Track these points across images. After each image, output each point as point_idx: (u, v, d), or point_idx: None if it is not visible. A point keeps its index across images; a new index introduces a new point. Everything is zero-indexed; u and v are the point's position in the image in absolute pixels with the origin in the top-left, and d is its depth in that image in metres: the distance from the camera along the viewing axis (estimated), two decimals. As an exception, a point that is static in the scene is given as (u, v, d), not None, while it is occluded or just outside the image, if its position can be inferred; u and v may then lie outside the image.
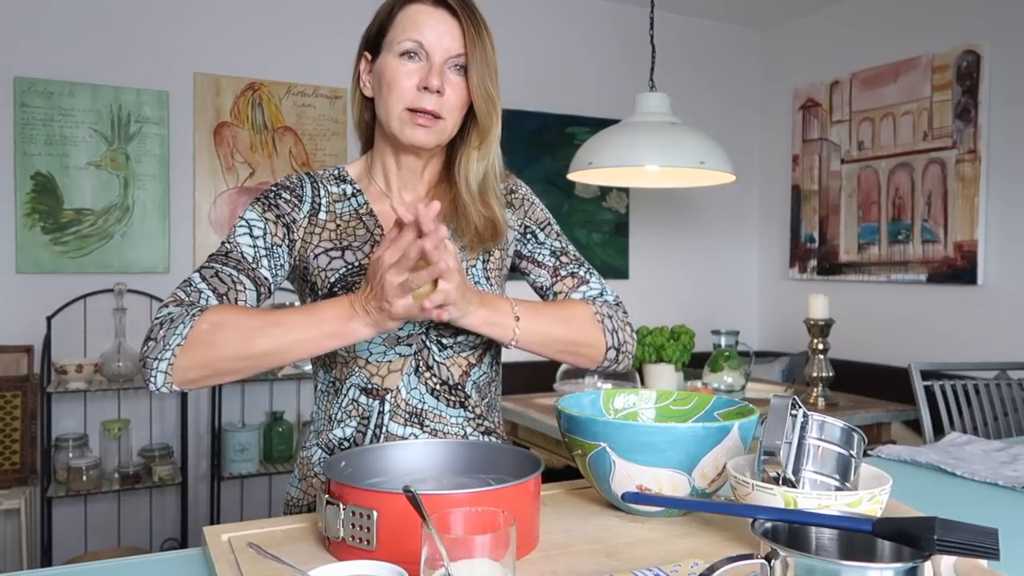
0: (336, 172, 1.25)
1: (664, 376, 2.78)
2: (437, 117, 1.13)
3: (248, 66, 3.32)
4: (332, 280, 1.15)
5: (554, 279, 1.25)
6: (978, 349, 3.29)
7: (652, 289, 4.18)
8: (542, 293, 1.27)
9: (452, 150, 1.22)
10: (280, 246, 1.15)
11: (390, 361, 1.15)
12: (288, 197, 1.18)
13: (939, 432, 2.34)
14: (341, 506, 0.86)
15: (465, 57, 1.13)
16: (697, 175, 3.00)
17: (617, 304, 1.26)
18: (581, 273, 1.26)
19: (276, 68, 3.37)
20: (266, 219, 1.15)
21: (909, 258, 3.60)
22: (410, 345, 1.16)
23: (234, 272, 1.09)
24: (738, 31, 4.40)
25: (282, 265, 1.15)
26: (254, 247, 1.13)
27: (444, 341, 1.17)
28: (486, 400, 1.23)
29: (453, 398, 1.18)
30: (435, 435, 1.16)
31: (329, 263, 1.16)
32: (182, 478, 3.06)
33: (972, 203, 3.33)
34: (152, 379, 0.98)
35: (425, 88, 1.11)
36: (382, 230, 1.19)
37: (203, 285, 1.06)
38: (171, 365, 0.97)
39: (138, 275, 3.14)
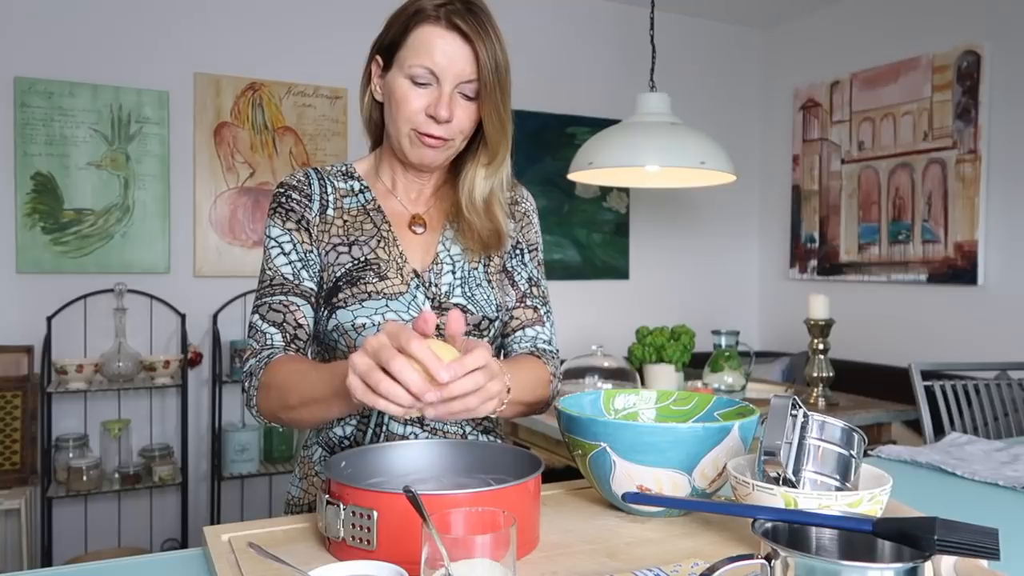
0: (344, 168, 1.25)
1: (664, 376, 2.78)
2: (445, 139, 1.14)
3: (248, 66, 3.33)
4: (338, 275, 1.15)
5: (519, 303, 1.26)
6: (978, 349, 3.28)
7: (652, 289, 4.18)
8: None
9: (459, 158, 1.22)
10: (311, 251, 1.17)
11: None
12: (298, 198, 1.19)
13: (939, 432, 2.34)
14: (341, 506, 0.85)
15: (477, 83, 1.11)
16: (697, 175, 3.00)
17: (556, 355, 1.28)
18: (542, 312, 1.28)
19: (276, 68, 3.37)
20: (288, 230, 1.17)
21: (909, 258, 3.60)
22: None
23: (283, 297, 1.13)
24: (738, 31, 4.40)
25: (319, 269, 1.17)
26: (290, 264, 1.15)
27: None
28: None
29: None
30: (435, 434, 1.17)
31: (337, 258, 1.17)
32: (182, 478, 3.06)
33: (972, 203, 3.33)
34: (255, 415, 1.11)
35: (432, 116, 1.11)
36: (389, 226, 1.20)
37: (264, 325, 1.12)
38: (259, 411, 1.09)
39: (138, 275, 3.14)
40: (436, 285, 1.18)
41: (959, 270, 3.39)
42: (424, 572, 0.69)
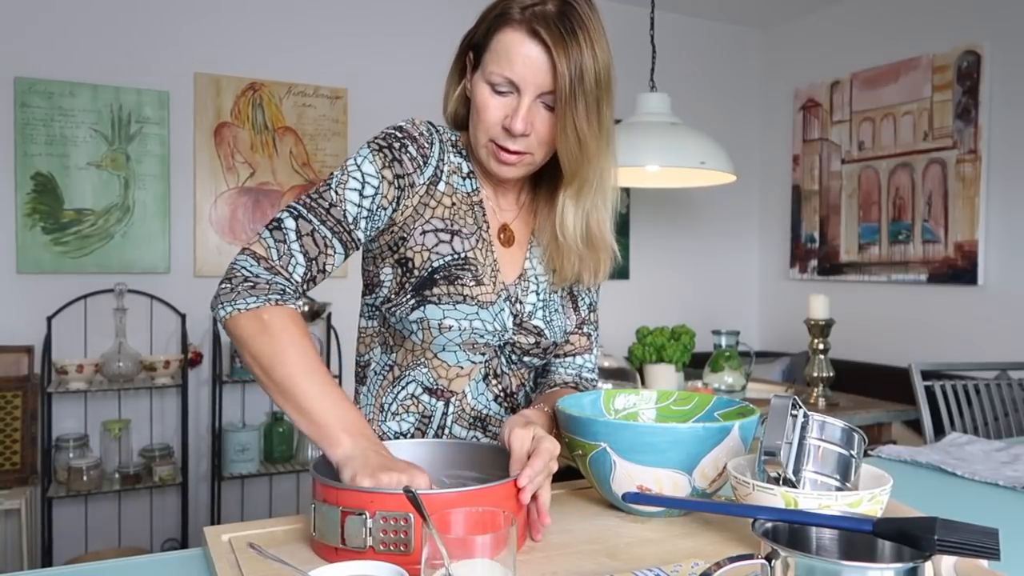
0: (453, 140, 1.14)
1: (664, 376, 2.78)
2: (524, 153, 1.07)
3: (248, 66, 3.32)
4: (435, 265, 1.08)
5: (576, 329, 1.25)
6: (978, 349, 3.28)
7: (652, 289, 4.18)
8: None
9: (557, 181, 1.13)
10: (385, 209, 1.07)
11: (461, 366, 1.13)
12: (414, 153, 1.08)
13: (939, 432, 2.34)
14: (368, 515, 0.82)
15: (555, 95, 1.03)
16: (697, 175, 3.00)
17: (595, 381, 1.28)
18: (593, 338, 1.27)
19: (276, 68, 3.37)
20: (383, 177, 1.05)
21: (909, 258, 3.60)
22: (484, 353, 1.13)
23: (328, 235, 1.03)
24: (738, 31, 4.40)
25: (377, 227, 1.08)
26: (359, 206, 1.04)
27: (514, 357, 1.16)
28: (523, 407, 1.23)
29: (507, 404, 1.18)
30: (495, 439, 1.15)
31: (436, 245, 1.09)
32: (182, 478, 3.06)
33: (972, 203, 3.33)
34: (216, 312, 1.01)
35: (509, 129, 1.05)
36: (488, 227, 1.14)
37: (296, 247, 1.01)
38: (230, 315, 0.99)
39: (138, 275, 3.14)
40: (521, 302, 1.15)
41: (959, 270, 3.39)
42: (424, 572, 0.68)
